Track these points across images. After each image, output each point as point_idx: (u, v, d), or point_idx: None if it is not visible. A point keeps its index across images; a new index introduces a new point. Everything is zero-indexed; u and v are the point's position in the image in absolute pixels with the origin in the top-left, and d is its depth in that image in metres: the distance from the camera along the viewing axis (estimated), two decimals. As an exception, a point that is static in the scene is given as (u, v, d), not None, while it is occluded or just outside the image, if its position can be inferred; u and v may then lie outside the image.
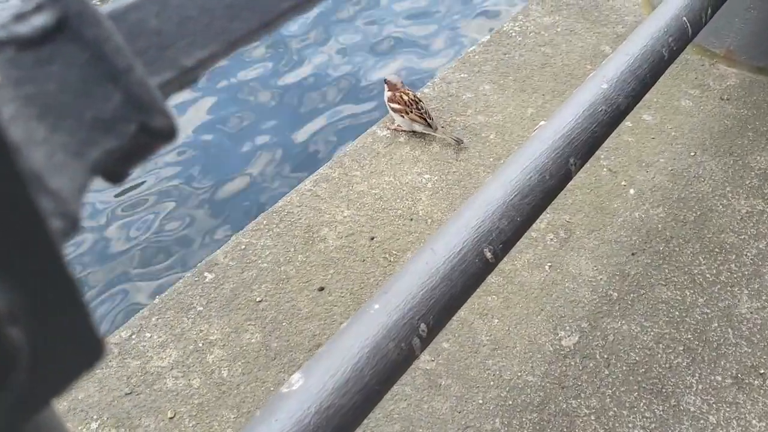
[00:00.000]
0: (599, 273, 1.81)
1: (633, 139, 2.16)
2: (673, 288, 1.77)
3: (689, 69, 2.41)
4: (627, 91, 1.29)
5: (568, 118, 1.21)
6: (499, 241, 1.05)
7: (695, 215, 1.94)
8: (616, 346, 1.65)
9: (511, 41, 2.54)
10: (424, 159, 2.11)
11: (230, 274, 1.82)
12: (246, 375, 1.62)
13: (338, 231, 1.92)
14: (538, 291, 1.77)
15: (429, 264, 1.00)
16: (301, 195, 2.01)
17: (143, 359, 1.65)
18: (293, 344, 1.68)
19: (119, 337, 1.69)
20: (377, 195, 2.01)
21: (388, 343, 0.92)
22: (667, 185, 2.02)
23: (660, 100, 2.28)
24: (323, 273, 1.82)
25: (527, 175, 1.12)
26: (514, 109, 2.27)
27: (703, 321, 1.70)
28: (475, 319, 1.72)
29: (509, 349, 1.65)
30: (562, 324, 1.70)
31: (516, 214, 1.08)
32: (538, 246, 1.87)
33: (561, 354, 1.64)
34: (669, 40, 1.39)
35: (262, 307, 1.75)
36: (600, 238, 1.89)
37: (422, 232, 1.91)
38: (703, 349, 1.64)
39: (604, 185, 2.03)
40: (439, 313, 0.98)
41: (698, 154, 2.11)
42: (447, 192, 2.02)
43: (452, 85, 2.36)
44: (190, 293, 1.78)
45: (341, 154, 2.15)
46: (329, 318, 1.73)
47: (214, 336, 1.69)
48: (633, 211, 1.95)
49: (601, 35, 2.56)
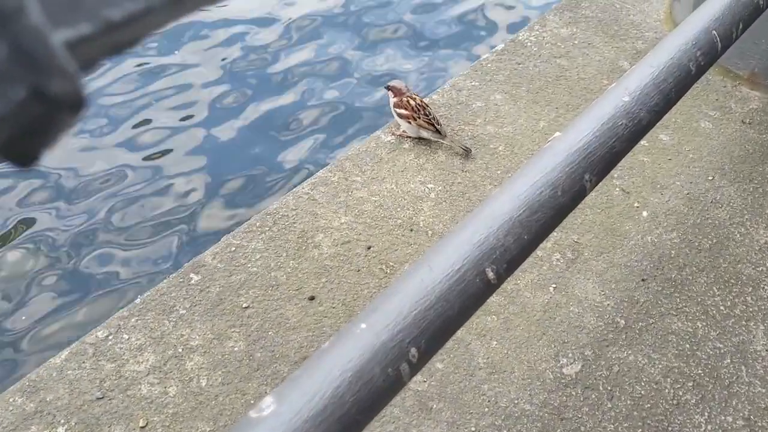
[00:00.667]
0: (606, 298, 1.71)
1: (648, 159, 2.07)
2: (684, 319, 1.66)
3: (710, 90, 2.31)
4: (650, 106, 1.20)
5: (585, 131, 1.12)
6: (503, 260, 0.96)
7: (711, 243, 1.84)
8: (621, 377, 1.55)
9: (526, 51, 2.45)
10: (428, 167, 2.02)
11: (217, 277, 1.73)
12: (226, 385, 1.52)
13: (334, 238, 1.83)
14: (540, 313, 1.67)
15: (424, 281, 0.91)
16: (298, 198, 1.92)
17: (119, 362, 1.56)
18: (278, 355, 1.58)
19: (95, 337, 1.60)
20: (377, 202, 1.92)
21: (374, 367, 0.83)
22: (683, 209, 1.92)
23: (678, 121, 2.19)
24: (315, 281, 1.73)
25: (538, 190, 1.02)
26: (526, 121, 2.18)
27: (715, 356, 1.59)
28: (472, 340, 1.62)
29: (507, 374, 1.55)
30: (565, 350, 1.60)
31: (523, 231, 0.99)
32: (543, 266, 1.77)
33: (562, 383, 1.54)
34: (697, 53, 1.30)
35: (248, 313, 1.66)
36: (609, 261, 1.79)
37: (422, 244, 1.82)
38: (714, 387, 1.54)
39: (616, 206, 1.93)
40: (432, 337, 0.88)
41: (716, 179, 2.01)
42: (450, 203, 1.92)
43: (462, 92, 2.27)
44: (174, 295, 1.69)
45: (342, 158, 2.06)
46: (318, 329, 1.63)
47: (196, 341, 1.60)
48: (645, 235, 1.85)
49: (619, 50, 2.47)
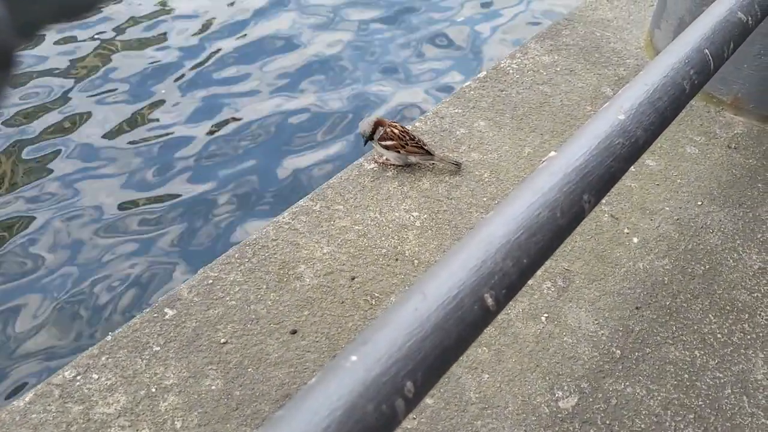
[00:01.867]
0: (600, 327, 1.64)
1: (636, 184, 2.03)
2: (681, 348, 1.61)
3: (694, 115, 2.30)
4: (646, 124, 1.15)
5: (582, 150, 1.07)
6: (502, 286, 0.89)
7: (704, 269, 1.79)
8: (619, 410, 1.48)
9: (508, 78, 2.43)
10: (413, 195, 1.96)
11: (194, 312, 1.64)
12: (202, 427, 1.42)
13: (316, 269, 1.75)
14: (533, 344, 1.60)
15: (418, 310, 0.84)
16: (278, 228, 1.85)
17: (87, 404, 1.45)
18: (258, 393, 1.49)
19: (62, 378, 1.49)
20: (361, 231, 1.85)
21: (366, 404, 0.75)
22: (674, 235, 1.88)
23: (664, 146, 2.16)
24: (297, 314, 1.64)
25: (536, 211, 0.97)
26: (510, 148, 2.14)
27: (716, 386, 1.53)
28: (463, 373, 1.54)
29: (500, 408, 1.48)
30: (560, 383, 1.53)
31: (522, 254, 0.93)
32: (534, 295, 1.71)
33: (558, 417, 1.47)
34: (690, 72, 1.26)
35: (226, 349, 1.56)
36: (601, 289, 1.73)
37: (408, 273, 1.75)
38: (716, 419, 1.47)
39: (606, 232, 1.89)
40: (429, 370, 0.81)
41: (705, 204, 1.98)
42: (436, 231, 1.86)
43: (446, 120, 2.23)
44: (147, 331, 1.59)
45: (324, 186, 1.99)
46: (301, 365, 1.54)
47: (170, 380, 1.50)
48: (637, 262, 1.80)
49: (602, 77, 2.45)
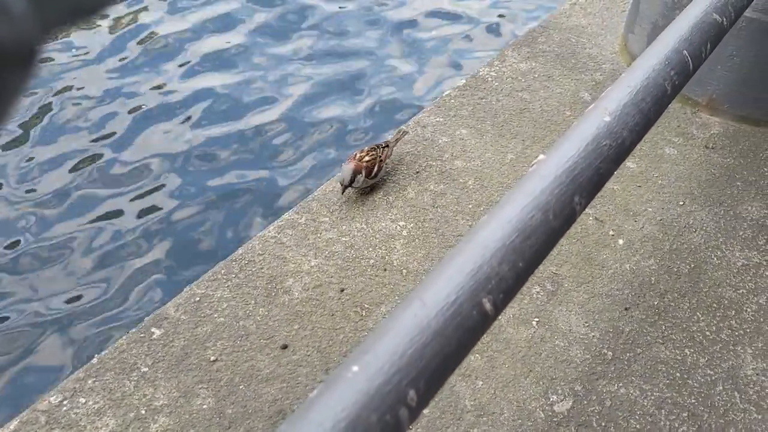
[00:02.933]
0: (591, 329, 1.65)
1: (619, 186, 2.05)
2: (672, 347, 1.62)
3: (671, 117, 2.33)
4: (631, 125, 1.16)
5: (570, 152, 1.07)
6: (499, 290, 0.89)
7: (689, 268, 1.81)
8: (614, 411, 1.48)
9: (487, 86, 2.44)
10: (398, 205, 1.96)
11: (181, 330, 1.61)
12: (195, 447, 1.40)
13: (304, 282, 1.73)
14: (525, 349, 1.60)
15: (418, 317, 0.83)
16: (264, 242, 1.83)
17: (75, 429, 1.41)
18: (251, 410, 1.46)
19: (48, 404, 1.45)
20: (348, 243, 1.84)
21: (370, 415, 0.74)
22: (658, 235, 1.90)
23: (644, 148, 2.19)
24: (287, 329, 1.62)
25: (528, 214, 0.97)
26: (493, 155, 2.15)
27: (707, 384, 1.54)
28: (457, 381, 1.53)
29: (496, 415, 1.47)
30: (554, 387, 1.53)
31: (518, 258, 0.92)
32: (524, 299, 1.71)
33: (554, 421, 1.46)
34: (671, 73, 1.28)
35: (216, 367, 1.54)
36: (590, 292, 1.74)
37: (397, 283, 1.74)
38: (710, 416, 1.48)
39: (591, 234, 1.90)
40: (432, 377, 0.80)
41: (687, 204, 2.00)
42: (423, 240, 1.86)
43: (427, 129, 2.24)
44: (134, 351, 1.56)
45: (309, 199, 1.98)
46: (293, 380, 1.52)
47: (160, 401, 1.47)
48: (623, 263, 1.82)
49: (579, 82, 2.48)
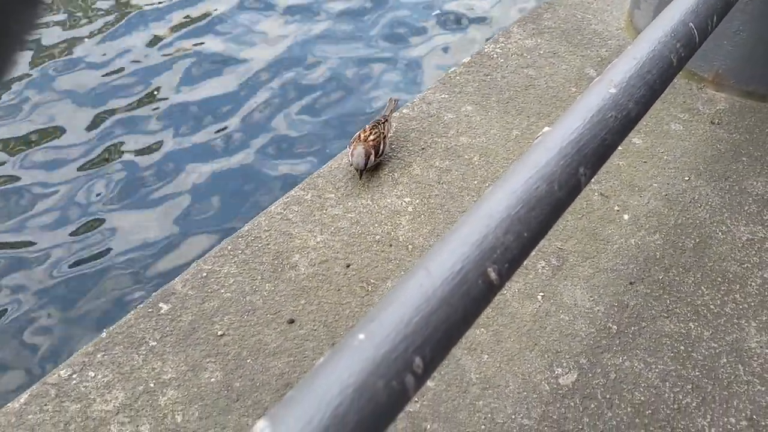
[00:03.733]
0: (596, 304, 1.66)
1: (624, 162, 2.04)
2: (676, 320, 1.62)
3: (677, 93, 2.32)
4: (637, 97, 1.16)
5: (576, 124, 1.07)
6: (504, 260, 0.89)
7: (694, 242, 1.81)
8: (618, 384, 1.49)
9: (492, 63, 2.43)
10: (404, 181, 1.96)
11: (189, 305, 1.63)
12: (204, 420, 1.41)
13: (310, 258, 1.74)
14: (530, 323, 1.61)
15: (424, 286, 0.83)
16: (270, 218, 1.84)
17: (85, 402, 1.44)
18: (259, 384, 1.48)
19: (57, 377, 1.47)
20: (353, 219, 1.85)
21: (377, 381, 0.75)
22: (663, 211, 1.90)
23: (649, 124, 2.18)
24: (293, 304, 1.64)
25: (534, 185, 0.97)
26: (498, 131, 2.14)
27: (711, 357, 1.55)
28: (462, 355, 1.54)
29: (501, 388, 1.48)
30: (559, 360, 1.54)
31: (523, 228, 0.93)
32: (529, 274, 1.72)
33: (559, 394, 1.48)
34: (677, 45, 1.27)
35: (224, 341, 1.56)
36: (595, 266, 1.74)
37: (402, 259, 1.75)
38: (714, 388, 1.49)
39: (596, 210, 1.90)
40: (437, 345, 0.81)
41: (692, 179, 2.00)
42: (429, 216, 1.86)
43: (433, 105, 2.23)
44: (143, 326, 1.58)
45: (314, 176, 1.98)
46: (300, 354, 1.54)
47: (168, 375, 1.49)
48: (628, 238, 1.82)
49: (585, 58, 2.47)
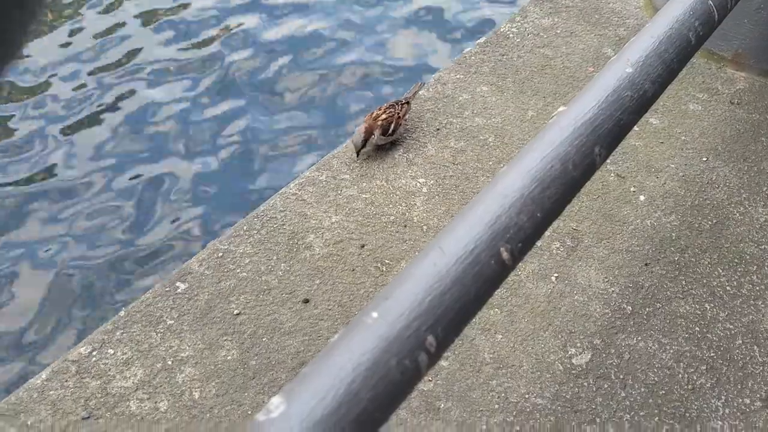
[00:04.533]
0: (611, 285, 1.65)
1: (641, 143, 2.03)
2: (691, 301, 1.62)
3: (696, 72, 2.28)
4: (654, 76, 1.15)
5: (591, 103, 1.07)
6: (517, 240, 0.90)
7: (711, 223, 1.80)
8: (632, 365, 1.50)
9: (509, 42, 2.41)
10: (418, 162, 1.96)
11: (205, 284, 1.64)
12: (220, 397, 1.44)
13: (325, 238, 1.75)
14: (544, 304, 1.61)
15: (437, 265, 0.84)
16: (286, 199, 1.85)
17: (104, 379, 1.46)
18: (274, 362, 1.50)
19: (78, 354, 1.50)
20: (368, 200, 1.85)
21: (389, 359, 0.76)
22: (680, 192, 1.88)
23: (667, 104, 2.15)
24: (308, 283, 1.65)
25: (548, 165, 0.97)
26: (514, 112, 2.13)
27: (726, 338, 1.55)
28: (476, 335, 1.55)
29: (515, 368, 1.49)
30: (573, 340, 1.54)
31: (536, 208, 0.93)
32: (543, 255, 1.71)
33: (572, 374, 1.48)
34: (695, 23, 1.25)
35: (240, 320, 1.57)
36: (610, 247, 1.74)
37: (417, 239, 1.75)
38: (728, 369, 1.49)
39: (612, 191, 1.89)
40: (450, 324, 0.82)
41: (710, 160, 1.98)
42: (444, 197, 1.86)
43: (448, 86, 2.22)
44: (160, 305, 1.60)
45: (329, 156, 1.99)
46: (315, 333, 1.55)
47: (186, 353, 1.51)
48: (644, 219, 1.81)
49: (602, 37, 2.44)
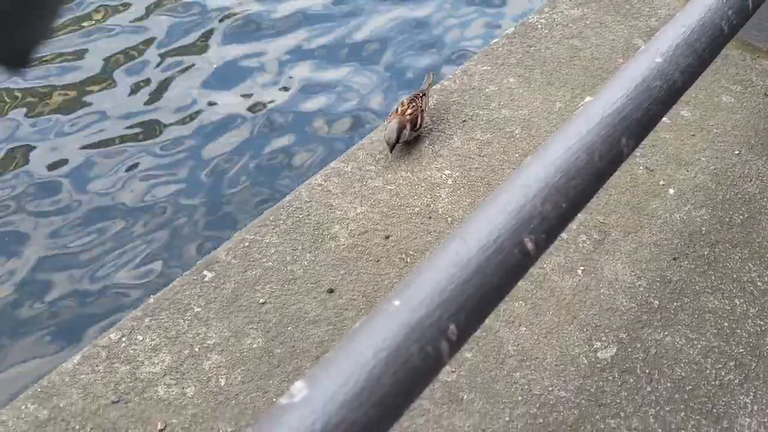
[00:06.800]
0: (638, 279, 1.63)
1: (671, 135, 1.99)
2: (720, 296, 1.59)
3: (729, 64, 2.24)
4: (683, 66, 1.13)
5: (619, 93, 1.05)
6: (541, 230, 0.89)
7: (742, 218, 1.77)
8: (658, 359, 1.48)
9: (537, 33, 2.39)
10: (444, 153, 1.95)
11: (232, 273, 1.66)
12: (246, 384, 1.46)
13: (350, 229, 1.76)
14: (570, 297, 1.60)
15: (460, 254, 0.84)
16: (311, 190, 1.86)
17: (133, 364, 1.49)
18: (299, 351, 1.51)
19: (108, 340, 1.54)
20: (393, 191, 1.86)
21: (411, 346, 0.76)
22: (710, 185, 1.85)
23: (699, 96, 2.12)
24: (333, 274, 1.66)
25: (574, 155, 0.96)
26: (541, 104, 2.11)
27: (756, 334, 1.52)
28: (500, 327, 1.55)
29: (539, 360, 1.48)
30: (598, 334, 1.53)
31: (561, 198, 0.92)
32: (569, 248, 1.70)
33: (597, 367, 1.47)
34: (729, 12, 1.23)
35: (265, 309, 1.59)
36: (638, 241, 1.72)
37: (441, 231, 1.75)
38: (758, 365, 1.47)
39: (641, 184, 1.86)
40: (472, 313, 0.82)
41: (743, 153, 1.94)
42: (469, 189, 1.85)
43: (475, 77, 2.21)
44: (188, 293, 1.63)
45: (355, 148, 1.99)
46: (339, 323, 1.56)
47: (212, 340, 1.53)
48: (673, 213, 1.78)
49: (633, 28, 2.40)
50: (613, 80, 1.09)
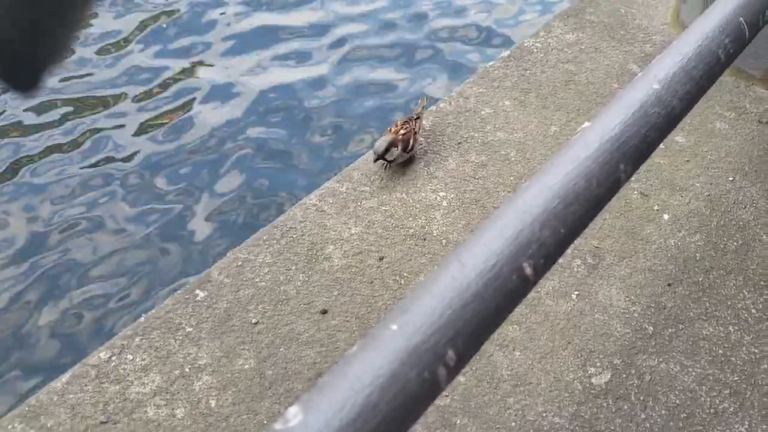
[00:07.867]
0: (632, 304, 1.63)
1: (665, 161, 2.00)
2: (715, 323, 1.59)
3: (723, 91, 2.26)
4: (681, 94, 1.14)
5: (617, 120, 1.05)
6: (540, 255, 0.88)
7: (737, 244, 1.77)
8: (653, 386, 1.47)
9: (532, 57, 2.40)
10: (439, 175, 1.95)
11: (224, 293, 1.65)
12: (237, 405, 1.44)
13: (344, 249, 1.75)
14: (564, 322, 1.59)
15: (457, 279, 0.83)
16: (305, 210, 1.85)
17: (123, 384, 1.47)
18: (291, 372, 1.50)
19: (97, 359, 1.51)
20: (388, 212, 1.85)
21: (408, 371, 0.75)
22: (705, 211, 1.86)
23: (693, 122, 2.13)
24: (327, 294, 1.65)
25: (571, 181, 0.96)
26: (536, 127, 2.12)
27: (751, 362, 1.52)
28: (494, 351, 1.54)
29: (533, 386, 1.47)
30: (592, 360, 1.52)
31: (559, 224, 0.92)
32: (564, 272, 1.70)
33: (591, 393, 1.46)
34: (725, 41, 1.24)
35: (258, 329, 1.58)
36: (632, 266, 1.71)
37: (436, 253, 1.75)
38: (752, 394, 1.46)
39: (635, 209, 1.87)
40: (470, 338, 0.81)
41: (737, 180, 1.95)
42: (464, 211, 1.85)
43: (470, 100, 2.22)
44: (180, 312, 1.61)
45: (350, 168, 1.99)
46: (332, 344, 1.55)
47: (204, 360, 1.52)
48: (668, 238, 1.78)
49: (628, 54, 2.42)
50: (611, 106, 1.09)
